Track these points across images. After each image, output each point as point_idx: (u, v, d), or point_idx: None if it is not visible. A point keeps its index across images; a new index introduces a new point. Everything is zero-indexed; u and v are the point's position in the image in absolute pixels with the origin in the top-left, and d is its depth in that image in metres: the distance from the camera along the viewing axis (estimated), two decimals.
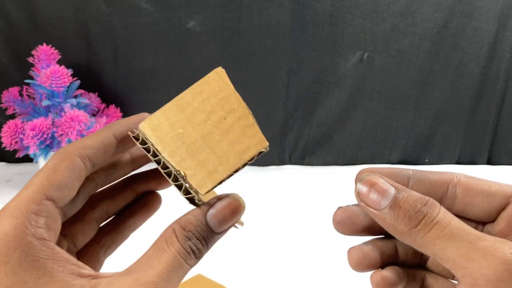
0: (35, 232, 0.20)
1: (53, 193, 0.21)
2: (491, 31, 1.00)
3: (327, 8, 0.95)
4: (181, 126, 0.24)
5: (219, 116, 0.25)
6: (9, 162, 1.02)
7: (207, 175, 0.24)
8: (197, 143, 0.24)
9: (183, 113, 0.25)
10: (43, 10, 0.91)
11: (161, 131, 0.24)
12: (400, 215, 0.21)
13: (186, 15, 0.94)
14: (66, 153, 0.23)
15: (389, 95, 1.04)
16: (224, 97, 0.26)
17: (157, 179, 0.28)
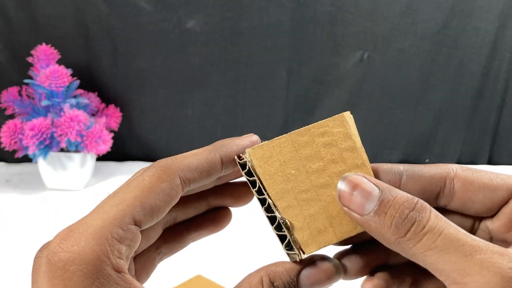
0: (116, 264, 0.18)
1: (142, 218, 0.19)
2: (492, 31, 1.00)
3: (327, 8, 0.95)
4: (294, 167, 0.21)
5: (339, 170, 0.21)
6: (8, 162, 1.02)
7: (316, 234, 0.21)
8: (309, 192, 0.21)
9: (298, 152, 0.22)
10: (42, 9, 0.91)
11: (271, 165, 0.21)
12: (386, 222, 0.19)
13: (186, 14, 0.93)
14: (167, 170, 0.20)
15: (389, 95, 1.04)
16: (348, 149, 0.22)
17: (234, 197, 0.26)
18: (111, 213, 0.19)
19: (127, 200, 0.19)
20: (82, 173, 0.89)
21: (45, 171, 0.88)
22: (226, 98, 1.01)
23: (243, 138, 0.24)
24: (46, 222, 0.77)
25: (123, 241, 0.18)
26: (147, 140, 1.04)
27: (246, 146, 0.22)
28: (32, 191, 0.88)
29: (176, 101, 1.01)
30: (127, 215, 0.19)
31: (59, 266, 0.17)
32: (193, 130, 1.04)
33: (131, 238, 0.19)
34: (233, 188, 0.25)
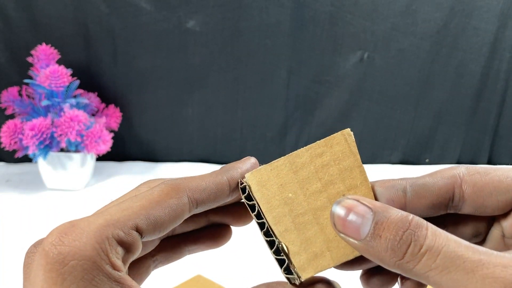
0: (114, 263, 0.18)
1: (145, 227, 0.19)
2: (492, 31, 1.00)
3: (327, 8, 0.95)
4: (291, 190, 0.21)
5: (337, 191, 0.21)
6: (8, 162, 1.02)
7: (312, 258, 0.21)
8: (306, 215, 0.21)
9: (296, 175, 0.22)
10: (42, 10, 0.91)
11: (269, 189, 0.21)
12: (382, 246, 0.18)
13: (186, 14, 0.93)
14: (176, 188, 0.20)
15: (389, 94, 1.04)
16: (347, 168, 0.22)
17: (236, 216, 0.26)
18: (115, 215, 0.19)
19: (133, 208, 0.19)
20: (82, 173, 0.89)
21: (45, 171, 0.88)
22: (226, 98, 1.01)
23: (244, 162, 0.24)
24: (46, 222, 0.77)
25: (123, 244, 0.18)
26: (147, 140, 1.04)
27: (247, 170, 0.23)
28: (32, 191, 0.88)
29: (176, 101, 1.01)
30: (131, 220, 0.19)
31: (58, 259, 0.17)
32: (193, 130, 1.04)
33: (131, 243, 0.19)
34: (234, 208, 0.25)
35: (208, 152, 1.06)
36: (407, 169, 1.08)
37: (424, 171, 1.00)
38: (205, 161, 1.07)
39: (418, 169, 1.08)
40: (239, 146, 1.05)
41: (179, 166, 1.04)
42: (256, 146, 1.06)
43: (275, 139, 1.05)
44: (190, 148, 1.05)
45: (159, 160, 1.06)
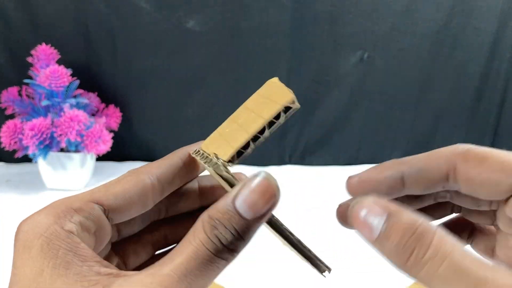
0: (64, 224, 0.19)
1: (104, 199, 0.21)
2: (492, 31, 1.00)
3: (327, 8, 0.95)
4: (228, 127, 0.25)
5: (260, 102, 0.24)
6: (8, 162, 1.02)
7: (232, 146, 0.23)
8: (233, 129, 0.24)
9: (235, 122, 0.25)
10: (42, 9, 0.91)
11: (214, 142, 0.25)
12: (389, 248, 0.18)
13: (186, 14, 0.93)
14: (133, 171, 0.23)
15: (389, 94, 1.04)
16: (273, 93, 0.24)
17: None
18: (75, 195, 0.21)
19: (93, 189, 0.21)
20: (82, 173, 0.89)
21: (45, 171, 0.88)
22: (226, 98, 1.01)
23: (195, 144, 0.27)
24: None
25: (79, 211, 0.20)
26: (147, 140, 1.04)
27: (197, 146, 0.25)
28: (32, 191, 0.88)
29: (176, 101, 1.01)
30: (89, 195, 0.21)
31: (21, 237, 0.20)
32: (193, 130, 1.04)
33: (88, 211, 0.20)
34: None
35: None
36: None
37: None
38: None
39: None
40: None
41: None
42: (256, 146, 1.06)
43: (275, 139, 1.06)
44: None
45: None
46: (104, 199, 0.21)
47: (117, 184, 0.22)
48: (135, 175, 0.22)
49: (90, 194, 0.21)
